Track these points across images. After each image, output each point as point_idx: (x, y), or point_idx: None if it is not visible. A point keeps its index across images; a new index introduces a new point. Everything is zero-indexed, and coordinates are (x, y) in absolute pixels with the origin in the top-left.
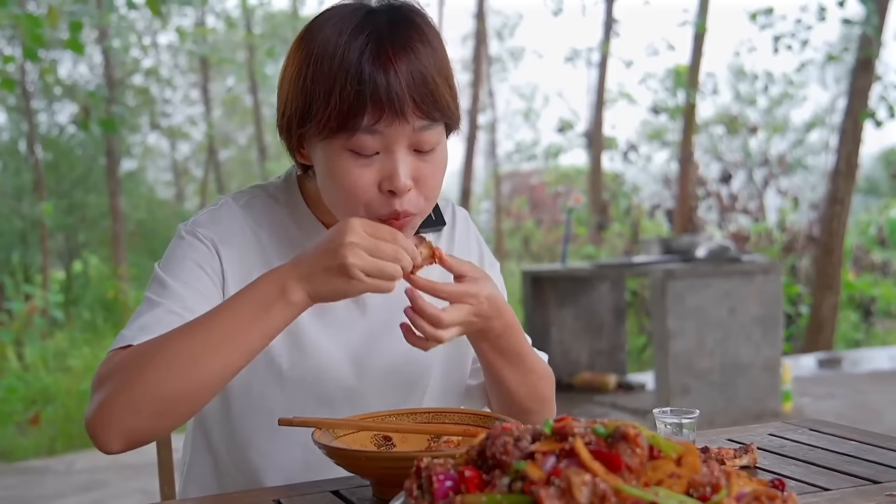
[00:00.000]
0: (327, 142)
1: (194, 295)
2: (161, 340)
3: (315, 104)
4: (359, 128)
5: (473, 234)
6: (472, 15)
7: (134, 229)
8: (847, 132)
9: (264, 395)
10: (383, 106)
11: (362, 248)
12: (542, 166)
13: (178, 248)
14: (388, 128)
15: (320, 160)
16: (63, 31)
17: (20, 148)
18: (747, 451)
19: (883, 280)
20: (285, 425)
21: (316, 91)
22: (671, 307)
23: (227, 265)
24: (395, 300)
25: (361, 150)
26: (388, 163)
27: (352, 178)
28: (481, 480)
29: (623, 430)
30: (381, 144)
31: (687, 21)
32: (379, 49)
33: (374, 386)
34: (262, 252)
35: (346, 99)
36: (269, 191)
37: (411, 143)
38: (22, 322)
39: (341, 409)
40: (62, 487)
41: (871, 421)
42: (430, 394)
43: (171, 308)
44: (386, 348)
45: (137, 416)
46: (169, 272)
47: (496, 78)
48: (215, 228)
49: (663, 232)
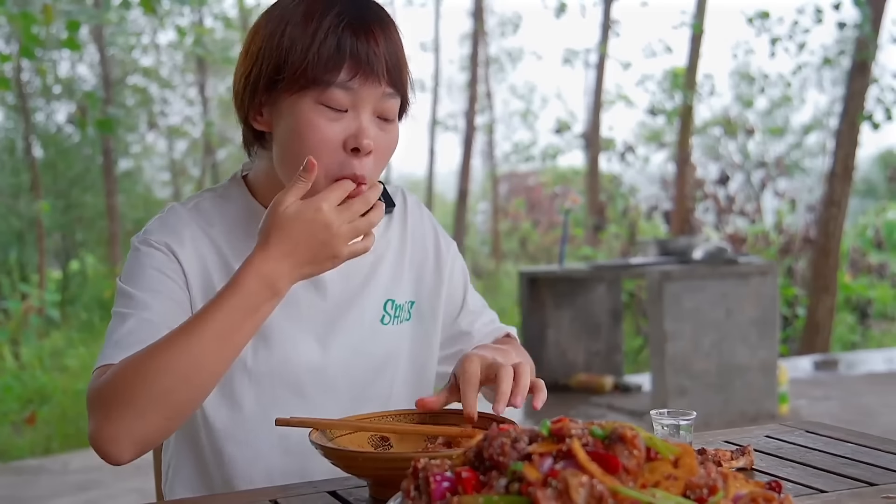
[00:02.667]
0: (298, 96)
1: (161, 300)
2: (155, 350)
3: (291, 59)
4: (334, 81)
5: (427, 217)
6: (469, 14)
7: (131, 229)
8: (843, 135)
9: (233, 387)
10: (360, 64)
11: (348, 235)
12: (539, 167)
13: (135, 259)
14: (361, 86)
15: (286, 119)
16: (60, 30)
17: (17, 147)
18: (744, 452)
19: (879, 282)
20: (282, 425)
21: (294, 48)
22: (668, 309)
23: (185, 265)
24: (352, 276)
25: (333, 105)
26: (356, 122)
27: (320, 131)
28: (478, 481)
29: (620, 431)
30: (351, 103)
31: (684, 23)
32: (358, 19)
33: (341, 367)
34: (215, 249)
35: (326, 53)
36: (217, 192)
37: (376, 109)
38: (18, 321)
39: (313, 395)
40: (58, 487)
41: (867, 423)
42: (402, 375)
43: (141, 317)
44: (348, 327)
45: (145, 424)
46: (132, 283)
47: (494, 78)
48: (166, 233)
49: (660, 233)
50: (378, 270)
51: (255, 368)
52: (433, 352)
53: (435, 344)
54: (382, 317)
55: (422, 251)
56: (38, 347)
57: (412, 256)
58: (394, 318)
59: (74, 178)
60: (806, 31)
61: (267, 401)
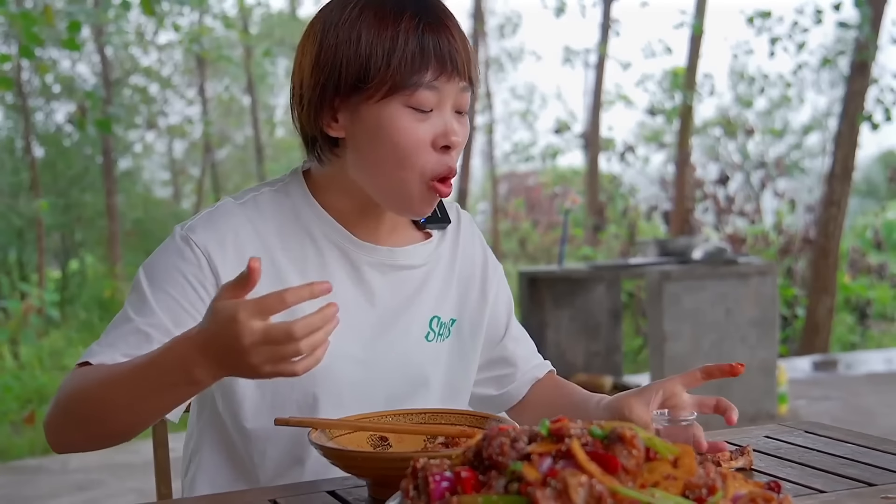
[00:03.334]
0: (384, 102)
1: (172, 309)
2: (103, 382)
3: (374, 65)
4: (422, 83)
5: (478, 237)
6: (469, 15)
7: (130, 228)
8: (843, 135)
9: (276, 392)
10: (445, 62)
11: (263, 350)
12: (539, 167)
13: (167, 252)
14: (445, 84)
15: (370, 125)
16: (61, 30)
17: (16, 146)
18: (743, 453)
19: (879, 283)
20: (281, 425)
21: (375, 53)
22: (667, 309)
23: (222, 273)
24: (402, 287)
25: (421, 106)
26: (441, 120)
27: (411, 133)
28: (477, 481)
29: (619, 431)
30: (436, 102)
31: (684, 23)
32: (432, 16)
33: (382, 380)
34: (263, 247)
35: (410, 56)
36: (274, 185)
37: (455, 104)
38: (18, 321)
39: (350, 404)
40: (57, 487)
41: (866, 423)
42: (438, 392)
43: (140, 326)
44: (394, 340)
45: (75, 441)
46: (151, 281)
47: (494, 79)
48: (210, 233)
49: (660, 234)
50: (427, 285)
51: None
52: (469, 372)
53: (472, 364)
54: (427, 333)
55: (469, 270)
56: (37, 347)
57: (460, 274)
58: (437, 336)
59: (74, 177)
60: (805, 30)
61: (307, 407)
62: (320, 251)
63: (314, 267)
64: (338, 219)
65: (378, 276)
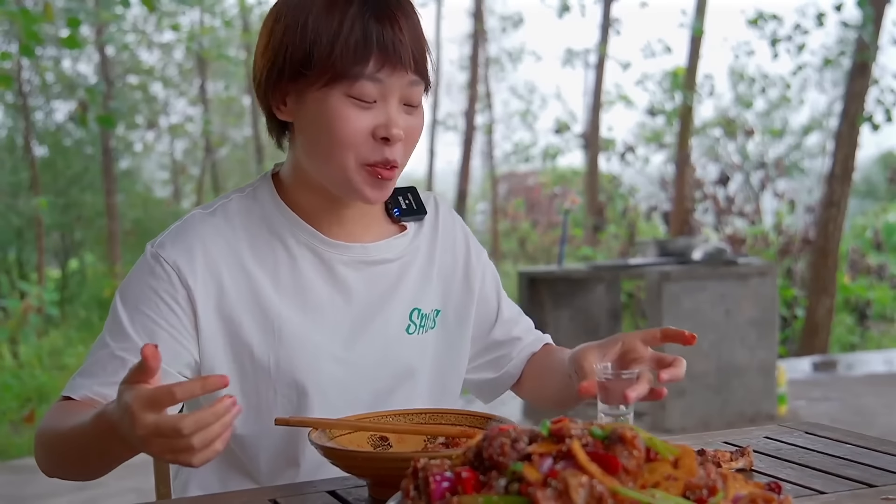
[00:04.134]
0: (325, 90)
1: (147, 328)
2: (59, 439)
3: (317, 51)
4: (363, 75)
5: (459, 225)
6: (469, 14)
7: (130, 228)
8: (843, 136)
9: (260, 398)
10: (388, 54)
11: (157, 441)
12: (538, 168)
13: (140, 272)
14: (389, 76)
15: (312, 111)
16: (61, 28)
17: (16, 145)
18: (743, 453)
19: (878, 284)
20: (282, 425)
21: (319, 39)
22: (667, 309)
23: (195, 288)
24: (378, 283)
25: (362, 97)
26: (384, 111)
27: (350, 124)
28: (478, 481)
29: (620, 432)
30: (379, 93)
31: (684, 23)
32: (380, 5)
33: (364, 376)
34: (234, 256)
35: (353, 46)
36: (244, 191)
37: (402, 97)
38: (17, 320)
39: (335, 402)
40: (56, 486)
41: (866, 424)
42: (425, 385)
43: (115, 352)
44: (373, 335)
45: (59, 474)
46: (125, 302)
47: (494, 78)
48: (179, 247)
49: (659, 234)
50: (405, 278)
51: (279, 374)
52: (458, 362)
53: (461, 354)
54: (408, 326)
55: (451, 259)
56: (37, 346)
57: (441, 265)
58: (419, 328)
59: (74, 176)
60: (805, 32)
61: (293, 409)
62: (292, 255)
63: (286, 271)
64: (308, 220)
65: (353, 273)
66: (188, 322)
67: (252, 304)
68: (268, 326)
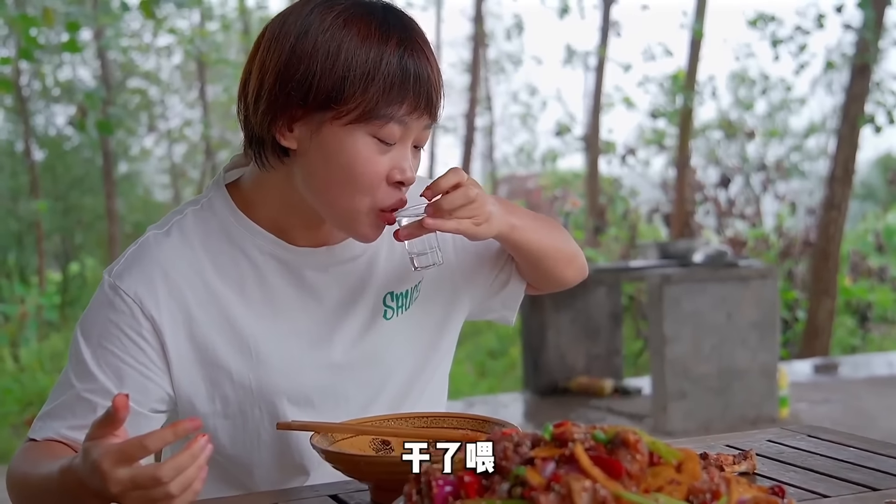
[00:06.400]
0: (351, 127)
1: (112, 366)
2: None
3: (349, 86)
4: (395, 117)
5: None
6: (469, 18)
7: (130, 231)
8: (844, 138)
9: (245, 415)
10: (420, 99)
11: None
12: (539, 170)
13: (100, 305)
14: (415, 120)
15: (330, 145)
16: (61, 33)
17: (16, 149)
18: (746, 457)
19: (880, 286)
20: (283, 429)
21: (353, 73)
22: (668, 312)
23: (158, 318)
24: (346, 280)
25: (387, 140)
26: (401, 154)
27: (372, 166)
28: (481, 486)
29: (623, 435)
30: (400, 136)
31: (684, 25)
32: (412, 43)
33: (348, 372)
34: (198, 275)
35: (390, 87)
36: (197, 204)
37: (415, 140)
38: (17, 323)
39: (323, 405)
40: None
41: (868, 427)
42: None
43: (81, 393)
44: (349, 328)
45: None
46: (87, 339)
47: (494, 81)
48: (137, 276)
49: (660, 236)
50: (374, 268)
51: (261, 392)
52: (444, 329)
53: (446, 320)
54: (385, 312)
55: None
56: (37, 350)
57: None
58: (397, 310)
59: (74, 180)
60: (806, 33)
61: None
62: (256, 266)
63: (253, 283)
64: (270, 229)
65: (321, 276)
66: (156, 355)
67: (223, 325)
68: (243, 345)
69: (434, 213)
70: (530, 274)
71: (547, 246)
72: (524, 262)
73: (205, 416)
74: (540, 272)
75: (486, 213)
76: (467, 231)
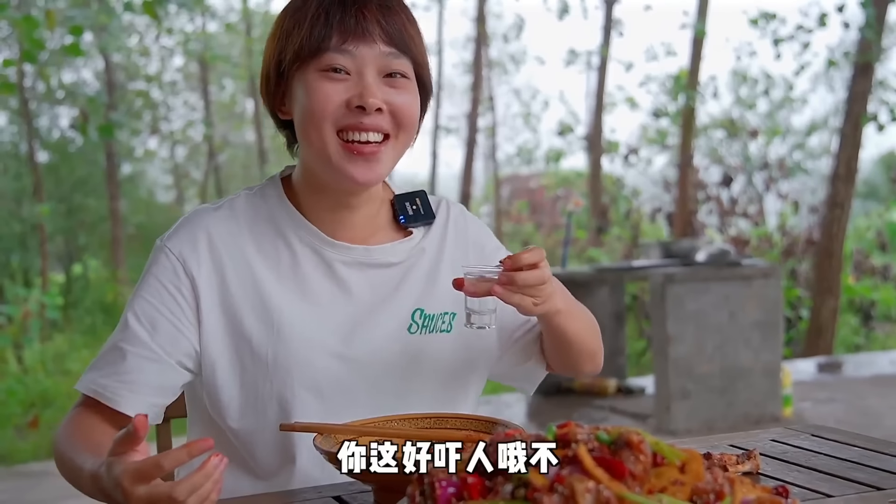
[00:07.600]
0: (302, 71)
1: (147, 314)
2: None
3: (291, 41)
4: (328, 48)
5: (473, 226)
6: (472, 19)
7: (133, 233)
8: (846, 136)
9: (257, 388)
10: (349, 28)
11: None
12: (542, 170)
13: (149, 264)
14: (356, 48)
15: (297, 98)
16: (64, 35)
17: (20, 151)
18: (750, 457)
19: (883, 284)
20: (286, 430)
21: (291, 33)
22: (671, 311)
23: (198, 278)
24: (379, 285)
25: (332, 66)
26: (359, 82)
27: (323, 93)
28: (484, 487)
29: (626, 436)
30: (353, 66)
31: (686, 24)
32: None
33: (361, 372)
34: (239, 251)
35: (316, 24)
36: (252, 189)
37: (380, 68)
38: (21, 325)
39: (331, 396)
40: (61, 491)
41: (872, 425)
42: (431, 385)
43: (117, 343)
44: (372, 332)
45: None
46: (135, 294)
47: (496, 81)
48: (184, 238)
49: (663, 236)
50: (408, 280)
51: (276, 367)
52: (476, 363)
53: (481, 355)
54: (410, 326)
55: (464, 261)
56: (40, 351)
57: (453, 267)
58: (422, 328)
59: (77, 182)
60: (809, 31)
61: (287, 404)
62: (293, 251)
63: (287, 266)
64: (313, 221)
65: (354, 273)
66: (190, 312)
67: (254, 297)
68: (268, 320)
69: (506, 282)
70: (552, 354)
71: (581, 336)
72: (553, 343)
73: (223, 384)
74: (562, 357)
75: (547, 295)
76: (527, 308)
